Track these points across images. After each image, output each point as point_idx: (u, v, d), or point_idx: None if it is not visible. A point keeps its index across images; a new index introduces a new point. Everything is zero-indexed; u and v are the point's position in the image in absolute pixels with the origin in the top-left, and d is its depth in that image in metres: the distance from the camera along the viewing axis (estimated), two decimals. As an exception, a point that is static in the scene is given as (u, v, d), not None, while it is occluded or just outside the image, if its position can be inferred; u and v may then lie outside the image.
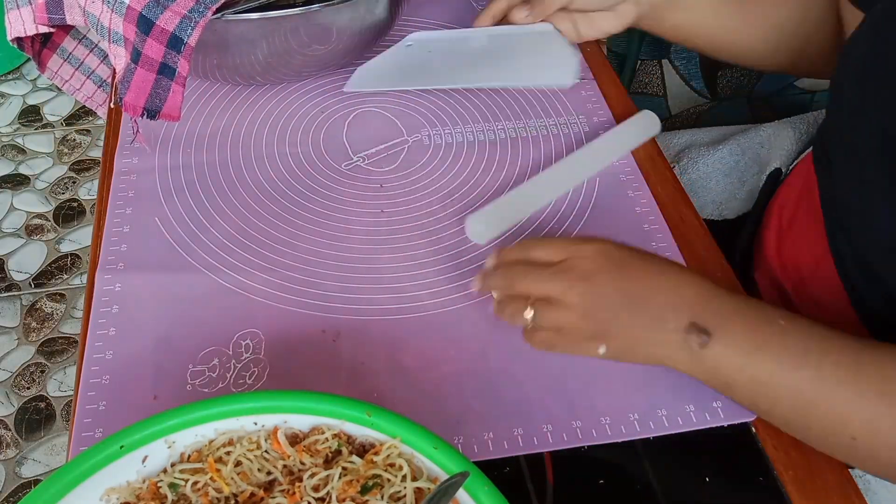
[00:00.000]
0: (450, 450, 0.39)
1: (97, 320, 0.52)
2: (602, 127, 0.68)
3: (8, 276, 1.42)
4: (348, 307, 0.53)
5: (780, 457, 0.46)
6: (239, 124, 0.68)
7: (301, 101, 0.70)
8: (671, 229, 0.59)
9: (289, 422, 0.41)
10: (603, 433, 0.47)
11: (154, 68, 0.57)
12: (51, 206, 1.55)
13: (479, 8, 0.81)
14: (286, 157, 0.65)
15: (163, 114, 0.58)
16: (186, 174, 0.63)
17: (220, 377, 0.49)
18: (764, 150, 0.72)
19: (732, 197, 0.71)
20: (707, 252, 0.58)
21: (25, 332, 1.34)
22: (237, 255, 0.57)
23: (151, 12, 0.55)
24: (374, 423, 0.40)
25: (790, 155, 0.70)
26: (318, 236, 0.58)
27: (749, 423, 0.48)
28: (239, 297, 0.54)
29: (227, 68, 0.66)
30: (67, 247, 1.48)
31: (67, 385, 1.28)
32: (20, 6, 0.64)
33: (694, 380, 0.49)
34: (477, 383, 0.49)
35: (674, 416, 0.48)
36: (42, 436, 1.22)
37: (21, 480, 1.17)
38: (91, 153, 1.67)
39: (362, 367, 0.50)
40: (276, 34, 0.62)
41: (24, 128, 1.72)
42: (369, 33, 0.70)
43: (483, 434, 0.47)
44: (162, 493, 0.39)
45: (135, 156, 0.64)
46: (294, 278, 0.55)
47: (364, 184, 0.63)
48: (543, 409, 0.48)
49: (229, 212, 0.60)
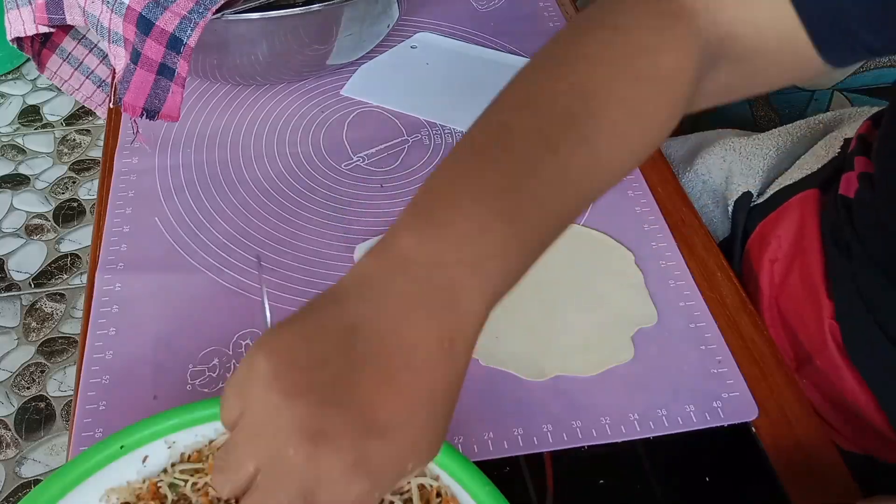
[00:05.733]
0: (450, 450, 0.39)
1: (97, 320, 0.52)
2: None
3: (8, 276, 1.42)
4: (348, 307, 0.53)
5: (780, 457, 0.46)
6: (239, 124, 0.68)
7: (301, 101, 0.70)
8: (671, 229, 0.59)
9: (289, 422, 0.41)
10: (603, 433, 0.47)
11: (153, 69, 0.57)
12: (51, 206, 1.55)
13: (480, 8, 0.81)
14: (286, 157, 0.65)
15: (162, 114, 0.58)
16: (186, 174, 0.63)
17: (220, 377, 0.49)
18: (726, 164, 0.68)
19: (709, 221, 0.68)
20: (707, 252, 0.58)
21: (25, 332, 1.34)
22: (237, 255, 0.57)
23: (151, 13, 0.55)
24: (374, 423, 0.40)
25: (758, 174, 0.65)
26: (317, 236, 0.58)
27: (749, 423, 0.48)
28: (239, 297, 0.54)
29: (227, 68, 0.66)
30: (67, 247, 1.48)
31: (67, 385, 1.28)
32: (20, 6, 0.64)
33: (694, 380, 0.49)
34: (477, 383, 0.49)
35: (674, 416, 0.48)
36: (42, 436, 1.22)
37: (21, 480, 1.17)
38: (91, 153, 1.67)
39: (362, 367, 0.50)
40: (276, 34, 0.62)
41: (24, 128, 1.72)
42: (369, 33, 0.70)
43: (483, 434, 0.47)
44: (162, 493, 0.39)
45: (135, 156, 0.64)
46: (294, 278, 0.55)
47: (364, 184, 0.63)
48: (543, 409, 0.48)
49: (229, 212, 0.60)
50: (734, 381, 0.50)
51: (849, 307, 0.53)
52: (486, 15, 0.81)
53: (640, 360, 0.51)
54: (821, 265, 0.56)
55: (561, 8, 0.82)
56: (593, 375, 0.50)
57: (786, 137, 0.69)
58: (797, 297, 0.57)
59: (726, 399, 0.48)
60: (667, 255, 0.57)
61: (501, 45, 0.76)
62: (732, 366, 0.50)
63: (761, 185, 0.66)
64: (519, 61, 0.74)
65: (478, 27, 0.79)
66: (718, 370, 0.50)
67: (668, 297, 0.54)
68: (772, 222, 0.62)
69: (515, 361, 0.50)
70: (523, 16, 0.81)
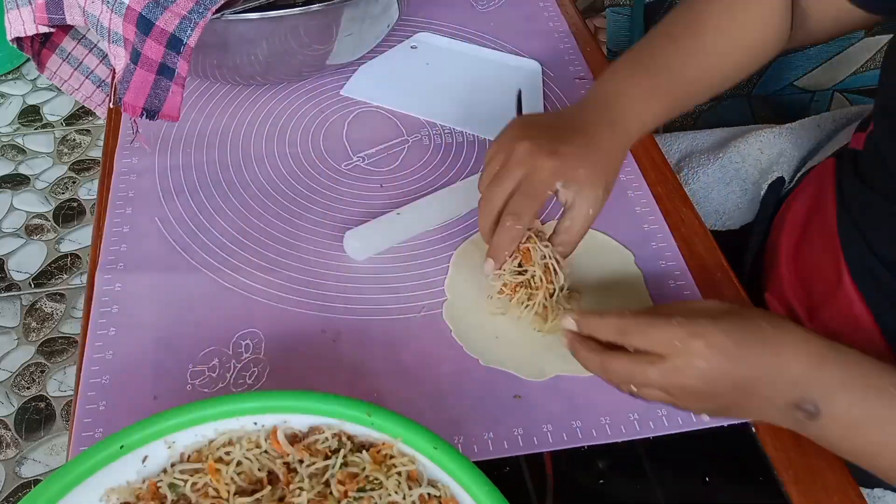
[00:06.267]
0: (450, 450, 0.39)
1: (97, 320, 0.52)
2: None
3: (8, 276, 1.42)
4: (348, 307, 0.53)
5: (780, 457, 0.46)
6: (239, 124, 0.68)
7: (301, 102, 0.70)
8: (671, 229, 0.59)
9: (288, 422, 0.41)
10: (603, 433, 0.47)
11: (153, 69, 0.57)
12: (51, 206, 1.55)
13: (480, 8, 0.81)
14: (286, 157, 0.65)
15: (162, 114, 0.58)
16: (186, 174, 0.63)
17: (220, 377, 0.49)
18: (764, 155, 0.71)
19: (735, 207, 0.71)
20: (707, 252, 0.58)
21: (25, 332, 1.34)
22: (237, 255, 0.57)
23: (151, 13, 0.55)
24: (374, 422, 0.40)
25: (792, 162, 0.70)
26: (318, 236, 0.58)
27: (749, 422, 0.48)
28: (239, 297, 0.54)
29: (227, 68, 0.66)
30: (67, 247, 1.48)
31: (67, 385, 1.28)
32: (20, 6, 0.64)
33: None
34: (477, 383, 0.49)
35: (674, 416, 0.48)
36: (42, 436, 1.22)
37: (21, 480, 1.17)
38: (91, 153, 1.67)
39: (362, 367, 0.50)
40: (276, 34, 0.62)
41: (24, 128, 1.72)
42: (369, 33, 0.70)
43: (483, 434, 0.47)
44: (162, 493, 0.39)
45: (135, 156, 0.64)
46: (294, 278, 0.55)
47: (364, 184, 0.63)
48: (543, 409, 0.48)
49: (229, 212, 0.60)
50: (734, 381, 0.49)
51: (853, 244, 0.55)
52: (486, 15, 0.81)
53: (640, 360, 0.50)
54: (835, 215, 0.58)
55: (561, 8, 0.82)
56: (593, 375, 0.49)
57: (816, 130, 0.72)
58: (815, 247, 0.59)
59: (726, 399, 0.48)
60: (667, 255, 0.57)
61: (501, 45, 0.76)
62: (732, 366, 0.50)
63: (794, 171, 0.69)
64: (519, 61, 0.74)
65: (478, 27, 0.79)
66: (718, 370, 0.50)
67: (668, 297, 0.54)
68: (794, 196, 0.66)
69: (515, 361, 0.50)
70: (523, 16, 0.81)
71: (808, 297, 0.59)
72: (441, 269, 0.56)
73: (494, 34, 0.78)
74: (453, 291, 0.54)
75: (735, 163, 0.72)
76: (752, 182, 0.70)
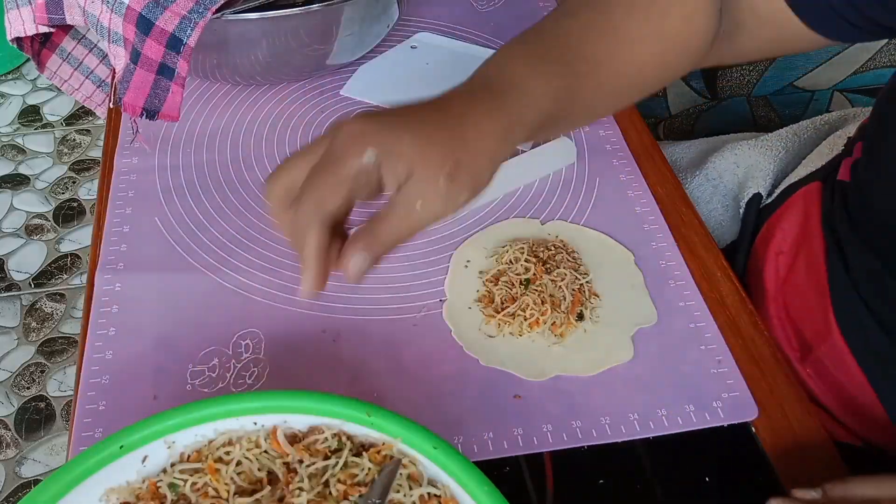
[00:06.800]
0: (450, 450, 0.39)
1: (97, 320, 0.52)
2: (601, 126, 0.68)
3: (8, 276, 1.42)
4: (348, 307, 0.53)
5: (779, 457, 0.46)
6: (239, 124, 0.68)
7: (301, 101, 0.70)
8: (671, 229, 0.59)
9: (288, 422, 0.41)
10: (603, 433, 0.47)
11: (153, 69, 0.57)
12: (51, 206, 1.55)
13: (480, 8, 0.81)
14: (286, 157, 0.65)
15: (162, 114, 0.58)
16: (186, 174, 0.63)
17: (220, 377, 0.49)
18: (740, 169, 0.68)
19: (718, 224, 0.69)
20: (707, 252, 0.58)
21: (25, 332, 1.34)
22: (237, 255, 0.57)
23: (151, 13, 0.55)
24: (374, 423, 0.40)
25: (767, 176, 0.67)
26: (317, 236, 0.58)
27: (749, 423, 0.48)
28: (239, 297, 0.54)
29: (227, 68, 0.66)
30: (67, 247, 1.48)
31: (67, 385, 1.28)
32: (20, 6, 0.64)
33: (694, 380, 0.49)
34: (477, 383, 0.49)
35: (674, 416, 0.48)
36: (42, 436, 1.22)
37: (21, 480, 1.17)
38: (91, 153, 1.67)
39: (362, 367, 0.50)
40: (276, 34, 0.62)
41: (24, 128, 1.72)
42: (369, 33, 0.70)
43: (483, 434, 0.47)
44: (161, 493, 0.39)
45: (135, 156, 0.64)
46: (294, 278, 0.55)
47: (364, 184, 0.63)
48: (543, 409, 0.48)
49: (229, 212, 0.60)
50: (734, 380, 0.50)
51: (843, 293, 0.53)
52: (486, 15, 0.81)
53: (639, 360, 0.51)
54: (823, 253, 0.56)
55: (561, 8, 0.81)
56: (593, 375, 0.50)
57: (793, 139, 0.69)
58: (802, 286, 0.58)
59: (726, 399, 0.48)
60: (667, 255, 0.57)
61: (501, 45, 0.76)
62: (732, 366, 0.50)
63: (770, 185, 0.67)
64: None
65: (478, 27, 0.79)
66: (718, 370, 0.50)
67: (668, 297, 0.54)
68: (777, 217, 0.63)
69: (515, 361, 0.50)
70: (523, 16, 0.81)
71: (798, 341, 0.58)
72: (441, 269, 0.56)
73: (494, 34, 0.78)
74: (453, 291, 0.54)
75: (713, 179, 0.70)
76: (731, 198, 0.69)
